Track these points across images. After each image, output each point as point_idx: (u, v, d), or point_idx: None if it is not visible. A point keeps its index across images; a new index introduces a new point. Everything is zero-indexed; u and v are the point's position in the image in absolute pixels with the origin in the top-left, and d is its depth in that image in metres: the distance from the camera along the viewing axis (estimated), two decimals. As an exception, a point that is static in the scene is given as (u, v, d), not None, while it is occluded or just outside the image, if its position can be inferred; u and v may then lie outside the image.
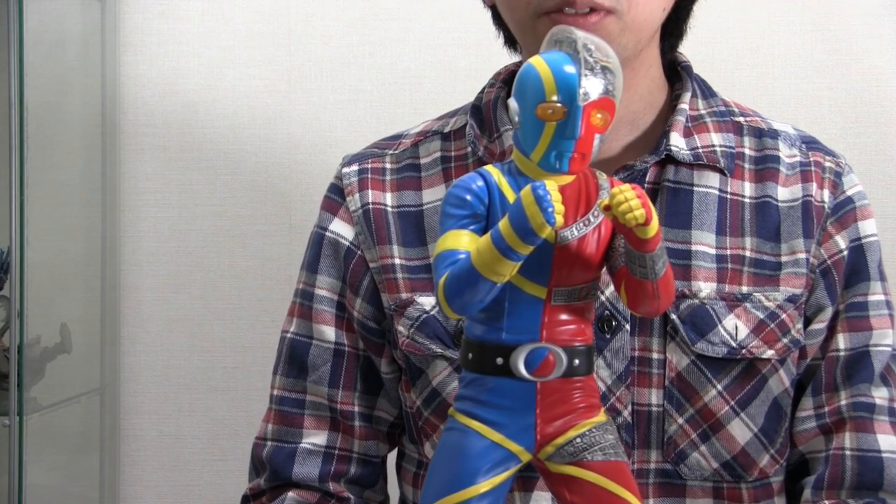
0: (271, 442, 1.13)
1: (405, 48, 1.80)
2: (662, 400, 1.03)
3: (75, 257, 1.83)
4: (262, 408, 1.84)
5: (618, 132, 1.08)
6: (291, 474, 1.11)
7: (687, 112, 1.09)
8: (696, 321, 1.03)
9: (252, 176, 1.82)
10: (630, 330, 1.03)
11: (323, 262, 1.14)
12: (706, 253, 1.05)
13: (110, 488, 1.83)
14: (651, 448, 1.04)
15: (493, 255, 0.69)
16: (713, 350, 1.03)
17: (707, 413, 1.03)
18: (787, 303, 1.05)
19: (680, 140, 1.07)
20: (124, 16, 1.82)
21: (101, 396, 1.82)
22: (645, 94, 1.10)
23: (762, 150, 1.10)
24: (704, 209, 1.06)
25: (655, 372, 1.03)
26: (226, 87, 1.81)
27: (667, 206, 1.06)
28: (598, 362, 1.03)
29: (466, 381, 0.77)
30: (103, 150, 1.81)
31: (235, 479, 1.83)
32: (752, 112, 1.14)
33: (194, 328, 1.83)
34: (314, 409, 1.13)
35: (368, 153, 1.17)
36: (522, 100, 0.73)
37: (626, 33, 1.01)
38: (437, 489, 0.76)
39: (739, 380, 1.04)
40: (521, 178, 0.74)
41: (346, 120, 1.81)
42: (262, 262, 1.83)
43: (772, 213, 1.07)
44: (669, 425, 1.03)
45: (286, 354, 1.15)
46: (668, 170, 1.07)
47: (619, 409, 1.03)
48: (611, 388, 1.03)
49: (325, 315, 1.13)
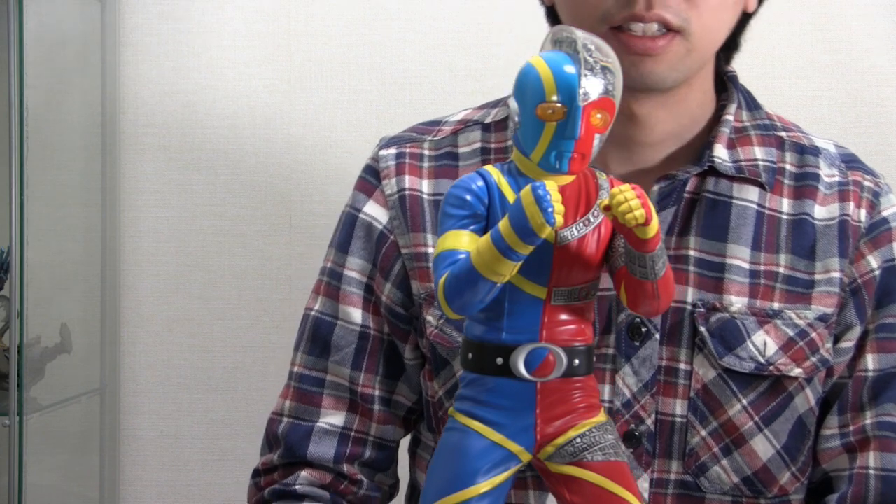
0: (288, 419, 1.13)
1: (405, 48, 1.80)
2: (687, 411, 1.03)
3: (75, 257, 1.83)
4: (262, 408, 1.84)
5: (664, 144, 1.07)
6: (306, 453, 1.10)
7: (732, 123, 1.08)
8: (725, 335, 1.03)
9: (252, 176, 1.82)
10: (660, 339, 1.03)
11: (354, 243, 1.12)
12: (740, 267, 1.04)
13: (110, 488, 1.83)
14: (672, 458, 1.03)
15: (493, 255, 0.69)
16: (740, 365, 1.02)
17: (730, 427, 1.03)
18: (818, 322, 1.04)
19: (723, 152, 1.06)
20: (124, 16, 1.82)
21: (101, 396, 1.82)
22: (695, 108, 1.08)
23: (803, 166, 1.09)
24: (742, 223, 1.05)
25: (682, 382, 1.03)
26: (226, 87, 1.81)
27: (704, 217, 1.05)
28: (625, 369, 1.03)
29: (466, 381, 0.77)
30: (103, 150, 1.81)
31: (235, 478, 1.83)
32: (794, 127, 1.13)
33: (194, 328, 1.83)
34: (334, 389, 1.12)
35: (407, 137, 1.15)
36: (522, 100, 0.73)
37: (692, 55, 1.00)
38: (437, 489, 0.76)
39: (765, 396, 1.03)
40: (520, 179, 0.74)
41: (346, 120, 1.81)
42: (262, 262, 1.82)
43: (808, 230, 1.06)
44: (692, 437, 1.03)
45: (309, 332, 1.13)
46: (709, 181, 1.06)
47: (643, 417, 1.03)
48: (636, 395, 1.03)
49: (353, 297, 1.12)
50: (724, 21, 1.03)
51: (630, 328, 1.03)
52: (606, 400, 1.03)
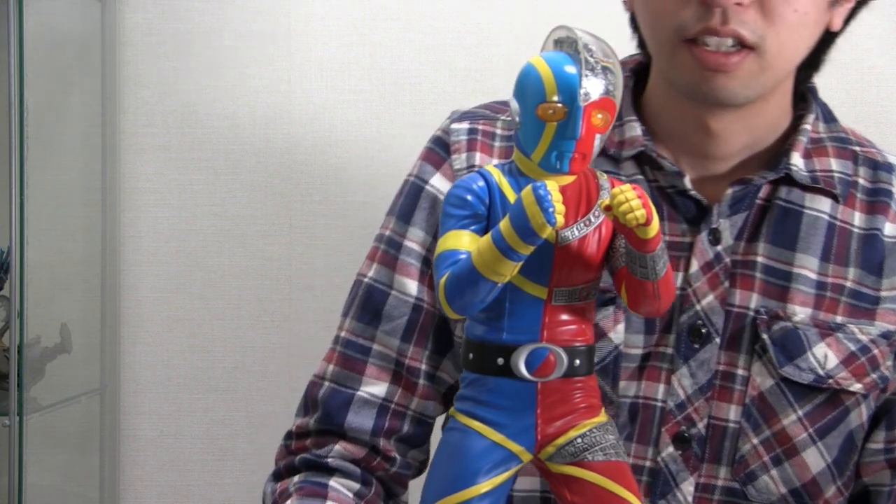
0: (329, 383, 1.10)
1: (405, 48, 1.80)
2: (740, 417, 1.02)
3: (75, 257, 1.83)
4: (262, 408, 1.84)
5: (738, 154, 1.06)
6: (344, 422, 1.08)
7: (809, 133, 1.07)
8: (787, 344, 1.02)
9: (252, 176, 1.82)
10: (720, 343, 1.02)
11: (418, 214, 1.10)
12: (807, 277, 1.03)
13: (110, 488, 1.83)
14: (721, 464, 1.03)
15: (494, 255, 0.69)
16: (800, 376, 1.02)
17: (783, 437, 1.02)
18: (881, 338, 1.04)
19: (800, 160, 1.05)
20: (124, 16, 1.82)
21: (101, 396, 1.82)
22: (771, 121, 1.07)
23: (876, 182, 1.08)
24: (812, 233, 1.04)
25: (738, 388, 1.02)
26: (226, 87, 1.81)
27: (775, 224, 1.04)
28: (682, 370, 1.02)
29: (467, 381, 0.77)
30: (103, 150, 1.81)
31: (235, 478, 1.83)
32: (867, 142, 1.12)
33: (194, 328, 1.83)
34: (380, 359, 1.09)
35: (481, 114, 1.13)
36: (523, 100, 0.73)
37: (765, 72, 0.98)
38: (437, 489, 0.76)
39: (821, 409, 1.03)
40: (521, 179, 0.74)
41: (346, 120, 1.81)
42: (262, 262, 1.82)
43: (878, 246, 1.05)
44: (743, 444, 1.02)
45: (361, 298, 1.11)
46: (782, 189, 1.05)
47: (695, 420, 1.02)
48: (690, 397, 1.02)
49: (411, 268, 1.09)
50: (803, 39, 1.01)
51: (691, 330, 1.02)
52: (659, 399, 1.02)
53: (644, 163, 1.05)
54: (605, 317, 1.02)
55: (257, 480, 1.87)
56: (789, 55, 1.00)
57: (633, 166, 1.05)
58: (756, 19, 0.95)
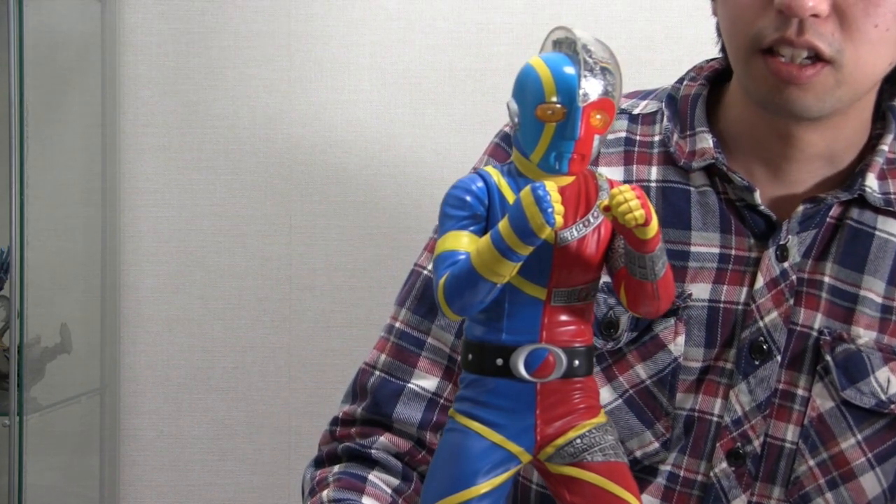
0: (380, 373, 1.08)
1: (405, 48, 1.80)
2: (797, 438, 1.01)
3: (75, 257, 1.83)
4: (262, 408, 1.85)
5: (812, 166, 1.04)
6: (392, 412, 1.06)
7: (886, 154, 1.04)
8: (850, 367, 1.01)
9: (252, 176, 1.82)
10: (780, 361, 1.01)
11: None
12: (873, 301, 1.02)
13: (110, 488, 1.83)
14: (775, 484, 1.02)
15: (493, 256, 0.69)
16: (861, 399, 1.01)
17: (841, 460, 1.01)
18: None
19: (874, 182, 1.03)
20: (124, 16, 1.82)
21: (101, 396, 1.83)
22: (850, 135, 1.04)
23: None
24: (882, 256, 1.02)
25: (797, 408, 1.01)
26: (226, 87, 1.81)
27: (845, 245, 1.02)
28: (741, 386, 1.01)
29: (466, 381, 0.77)
30: (103, 150, 1.81)
31: (235, 478, 1.83)
32: None
33: (194, 328, 1.83)
34: (433, 353, 1.08)
35: None
36: (522, 100, 0.73)
37: (842, 87, 0.95)
38: (437, 490, 0.76)
39: (881, 434, 1.02)
40: (520, 179, 0.74)
41: (346, 120, 1.81)
42: (262, 262, 1.83)
43: None
44: (799, 465, 1.01)
45: (419, 290, 1.09)
46: (853, 210, 1.03)
47: (751, 437, 1.01)
48: (747, 414, 1.01)
49: None
50: (882, 56, 0.97)
51: (752, 346, 1.01)
52: (716, 414, 1.02)
53: (714, 175, 1.03)
54: (665, 328, 1.01)
55: (257, 480, 1.88)
56: (868, 71, 0.97)
57: (702, 177, 1.03)
58: (834, 32, 0.93)
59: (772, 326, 1.01)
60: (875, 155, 1.04)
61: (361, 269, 1.82)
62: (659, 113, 1.08)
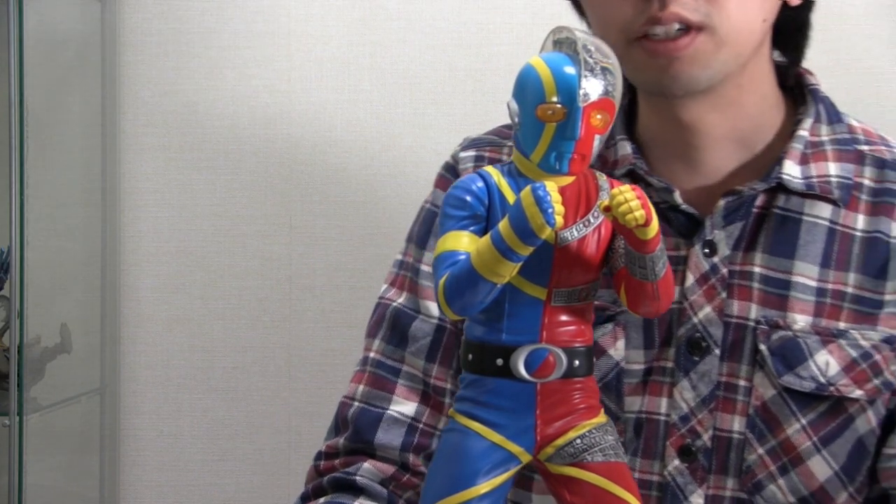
0: (359, 403, 1.11)
1: (405, 48, 1.80)
2: (745, 428, 1.02)
3: (75, 257, 1.83)
4: (261, 408, 1.84)
5: (723, 150, 1.05)
6: (374, 439, 1.09)
7: (806, 138, 1.05)
8: (786, 353, 1.01)
9: (252, 176, 1.82)
10: (720, 355, 1.02)
11: (432, 239, 1.12)
12: (806, 285, 1.02)
13: (110, 488, 1.83)
14: (728, 475, 1.02)
15: (493, 256, 0.69)
16: (801, 384, 1.01)
17: (788, 446, 1.02)
18: (884, 344, 1.02)
19: (794, 168, 1.03)
20: (124, 16, 1.82)
21: (101, 396, 1.83)
22: (755, 113, 1.05)
23: (882, 181, 1.05)
24: (811, 240, 1.03)
25: (741, 399, 1.02)
26: (226, 87, 1.81)
27: (772, 233, 1.03)
28: (683, 383, 1.02)
29: (466, 381, 0.77)
30: (103, 150, 1.81)
31: (235, 479, 1.83)
32: (879, 140, 1.08)
33: (194, 328, 1.83)
34: (408, 379, 1.10)
35: (487, 141, 1.14)
36: (522, 100, 0.73)
37: (722, 49, 0.96)
38: (436, 490, 0.76)
39: (825, 417, 1.02)
40: (520, 179, 0.74)
41: (346, 120, 1.81)
42: (262, 262, 1.83)
43: (881, 249, 1.03)
44: (749, 454, 1.02)
45: (390, 321, 1.12)
46: (779, 197, 1.03)
47: (700, 432, 1.02)
48: (693, 410, 1.02)
49: (429, 291, 1.11)
50: (755, 11, 0.99)
51: (690, 342, 1.02)
52: (663, 413, 1.02)
53: (637, 180, 1.04)
54: (604, 334, 1.02)
55: (257, 480, 1.88)
56: (743, 28, 0.98)
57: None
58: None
59: (706, 321, 1.02)
60: (793, 141, 1.04)
61: (361, 269, 1.82)
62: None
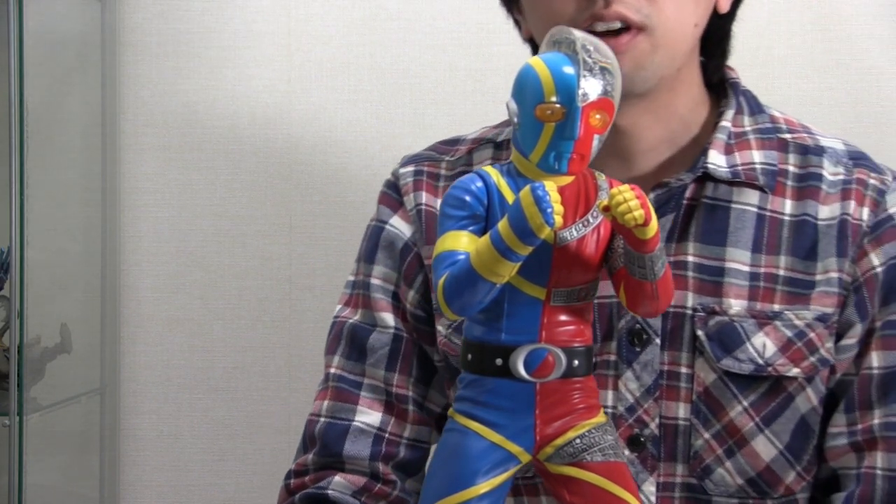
0: (325, 418, 1.13)
1: (405, 48, 1.80)
2: (690, 414, 1.04)
3: (75, 257, 1.83)
4: (261, 408, 1.84)
5: (656, 150, 1.08)
6: (342, 451, 1.10)
7: (729, 129, 1.08)
8: (724, 338, 1.03)
9: (252, 176, 1.82)
10: (660, 344, 1.04)
11: (380, 253, 1.15)
12: (739, 270, 1.05)
13: (110, 488, 1.83)
14: (677, 462, 1.04)
15: (493, 256, 0.69)
16: (739, 367, 1.03)
17: (732, 429, 1.04)
18: (817, 322, 1.05)
19: (719, 158, 1.06)
20: (124, 16, 1.82)
21: (101, 396, 1.82)
22: (685, 114, 1.09)
23: (805, 167, 1.09)
24: (741, 226, 1.05)
25: (684, 386, 1.04)
26: (226, 87, 1.81)
27: (703, 222, 1.05)
28: (627, 374, 1.04)
29: (466, 381, 0.77)
30: (103, 150, 1.81)
31: (235, 479, 1.83)
32: (800, 128, 1.12)
33: (194, 328, 1.83)
34: (371, 391, 1.13)
35: (426, 156, 1.18)
36: (521, 100, 0.73)
37: (658, 51, 1.00)
38: (436, 490, 0.76)
39: (765, 397, 1.04)
40: (520, 179, 0.74)
41: (346, 120, 1.81)
42: (262, 262, 1.82)
43: (809, 231, 1.06)
44: (696, 440, 1.04)
45: (347, 338, 1.15)
46: (708, 186, 1.06)
47: (647, 421, 1.04)
48: (639, 400, 1.04)
49: (383, 302, 1.14)
50: (689, 16, 1.02)
51: (630, 333, 1.04)
52: (610, 405, 1.04)
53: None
54: None
55: (257, 481, 1.88)
56: (678, 31, 1.01)
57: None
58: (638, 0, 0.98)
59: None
60: (717, 132, 1.08)
61: (361, 269, 1.82)
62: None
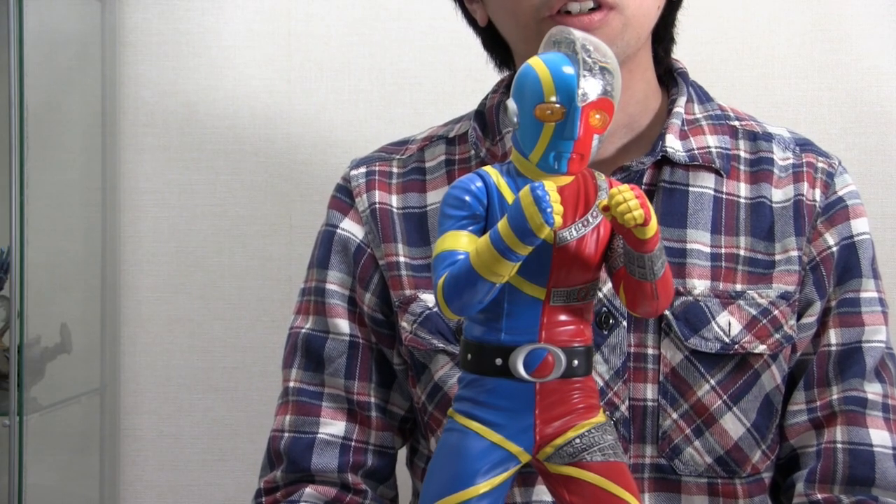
0: (289, 433, 1.14)
1: (405, 48, 1.80)
2: (657, 395, 1.05)
3: (75, 257, 1.83)
4: (261, 408, 1.84)
5: (615, 134, 1.11)
6: (310, 465, 1.11)
7: (683, 115, 1.12)
8: (690, 318, 1.05)
9: (252, 176, 1.82)
10: (627, 326, 1.05)
11: (333, 258, 1.16)
12: (701, 251, 1.07)
13: (110, 488, 1.83)
14: (646, 443, 1.06)
15: (492, 256, 0.69)
16: (706, 346, 1.05)
17: (700, 408, 1.05)
18: (780, 299, 1.07)
19: (676, 142, 1.09)
20: (124, 16, 1.82)
21: (101, 396, 1.82)
22: (641, 98, 1.12)
23: (757, 152, 1.12)
24: (700, 208, 1.08)
25: (651, 367, 1.05)
26: (226, 87, 1.81)
27: (662, 205, 1.08)
28: (596, 358, 1.05)
29: (466, 381, 0.77)
30: (103, 150, 1.81)
31: (235, 479, 1.83)
32: (747, 116, 1.17)
33: (194, 328, 1.83)
34: (332, 400, 1.13)
35: (376, 157, 1.20)
36: (521, 101, 0.73)
37: (628, 30, 1.03)
38: (436, 490, 0.76)
39: (732, 375, 1.06)
40: (519, 179, 0.74)
41: (346, 120, 1.81)
42: (262, 262, 1.82)
43: (766, 213, 1.09)
44: (664, 420, 1.05)
45: (302, 349, 1.16)
46: (665, 171, 1.09)
47: (617, 403, 1.05)
48: (608, 383, 1.05)
49: (338, 308, 1.14)
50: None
51: (598, 317, 1.05)
52: None
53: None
54: None
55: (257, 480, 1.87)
56: (645, 11, 1.05)
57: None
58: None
59: (611, 295, 1.06)
60: (672, 118, 1.11)
61: (361, 269, 1.82)
62: (470, 129, 1.16)
